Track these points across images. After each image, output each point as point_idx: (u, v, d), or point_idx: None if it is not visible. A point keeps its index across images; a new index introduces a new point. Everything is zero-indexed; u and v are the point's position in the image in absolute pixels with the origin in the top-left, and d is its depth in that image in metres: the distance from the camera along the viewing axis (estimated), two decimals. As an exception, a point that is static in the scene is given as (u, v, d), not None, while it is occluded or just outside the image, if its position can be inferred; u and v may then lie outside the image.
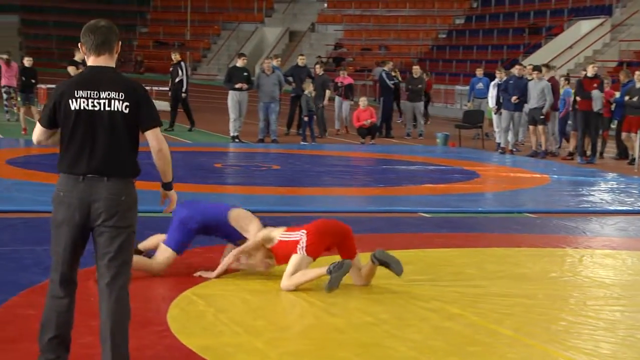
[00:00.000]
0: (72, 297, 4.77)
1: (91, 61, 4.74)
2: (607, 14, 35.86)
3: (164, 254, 7.19)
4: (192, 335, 5.62)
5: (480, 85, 22.39)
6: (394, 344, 5.62)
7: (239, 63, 19.75)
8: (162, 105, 29.49)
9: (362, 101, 20.64)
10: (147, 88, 21.16)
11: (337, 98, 22.59)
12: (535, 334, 5.93)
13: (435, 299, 6.69)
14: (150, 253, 7.36)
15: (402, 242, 8.89)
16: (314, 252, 6.84)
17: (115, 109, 4.65)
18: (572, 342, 5.81)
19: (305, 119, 19.71)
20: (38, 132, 4.81)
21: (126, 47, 53.48)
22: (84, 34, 4.72)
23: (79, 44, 4.75)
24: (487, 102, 21.21)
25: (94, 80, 4.68)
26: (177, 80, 21.44)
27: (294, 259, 6.80)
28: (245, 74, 19.53)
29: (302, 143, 19.57)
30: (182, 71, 21.44)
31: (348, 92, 22.57)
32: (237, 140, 19.41)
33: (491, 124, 21.07)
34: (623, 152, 18.50)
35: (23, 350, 5.19)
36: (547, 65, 19.66)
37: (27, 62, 20.18)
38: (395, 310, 6.39)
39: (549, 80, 18.78)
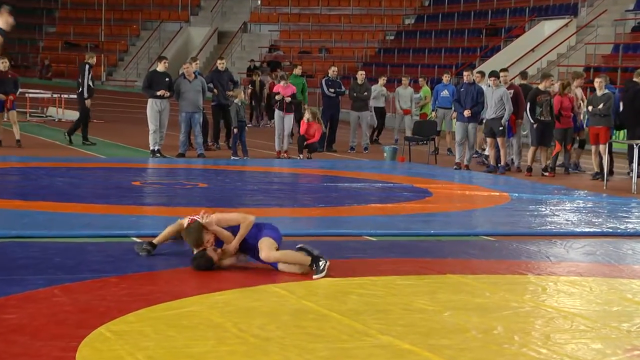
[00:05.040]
0: None
1: None
2: (572, 14, 36.46)
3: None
4: (106, 378, 5.57)
5: (445, 93, 22.42)
6: (336, 384, 5.62)
7: (160, 67, 19.68)
8: (73, 116, 29.31)
9: (307, 114, 20.48)
10: (56, 96, 21.26)
11: (277, 112, 21.02)
12: (494, 372, 5.98)
13: (382, 334, 6.71)
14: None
15: (345, 269, 8.90)
16: None
17: None
18: (534, 380, 5.87)
19: (235, 130, 19.67)
20: None
21: (31, 49, 53.00)
22: None
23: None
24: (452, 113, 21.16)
25: None
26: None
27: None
28: (167, 79, 19.46)
29: (233, 158, 19.54)
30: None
31: (291, 105, 20.98)
32: (157, 154, 19.31)
33: (454, 138, 20.59)
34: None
35: None
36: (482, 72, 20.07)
37: None
38: (338, 347, 6.39)
39: (510, 88, 19.05)
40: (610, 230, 12.11)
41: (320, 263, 8.56)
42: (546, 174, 18.52)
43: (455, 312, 7.43)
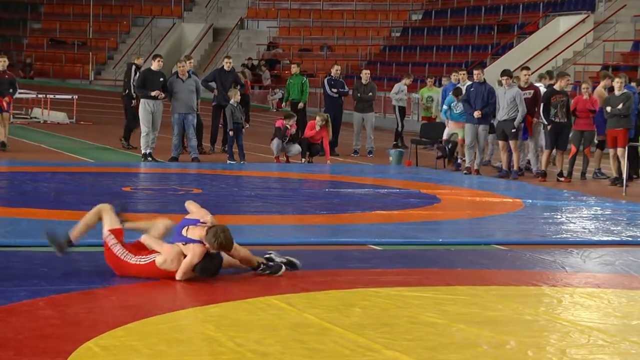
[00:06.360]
0: None
1: None
2: (589, 9, 36.50)
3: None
4: (95, 395, 5.57)
5: None
6: (338, 402, 5.62)
7: (154, 66, 19.72)
8: (59, 117, 29.38)
9: (319, 121, 20.34)
10: (41, 96, 21.46)
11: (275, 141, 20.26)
12: (506, 389, 5.98)
13: (388, 348, 6.71)
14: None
15: (349, 280, 8.90)
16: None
17: None
18: (549, 398, 5.87)
19: (231, 133, 19.67)
20: None
21: (14, 47, 53.04)
22: None
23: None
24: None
25: None
26: None
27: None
28: (162, 79, 19.49)
29: (229, 162, 19.55)
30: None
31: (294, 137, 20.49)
32: (149, 158, 19.32)
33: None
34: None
35: None
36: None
37: None
38: (340, 362, 6.40)
39: (529, 88, 19.04)
40: (630, 239, 12.11)
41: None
42: (562, 179, 18.51)
43: (465, 326, 7.42)
